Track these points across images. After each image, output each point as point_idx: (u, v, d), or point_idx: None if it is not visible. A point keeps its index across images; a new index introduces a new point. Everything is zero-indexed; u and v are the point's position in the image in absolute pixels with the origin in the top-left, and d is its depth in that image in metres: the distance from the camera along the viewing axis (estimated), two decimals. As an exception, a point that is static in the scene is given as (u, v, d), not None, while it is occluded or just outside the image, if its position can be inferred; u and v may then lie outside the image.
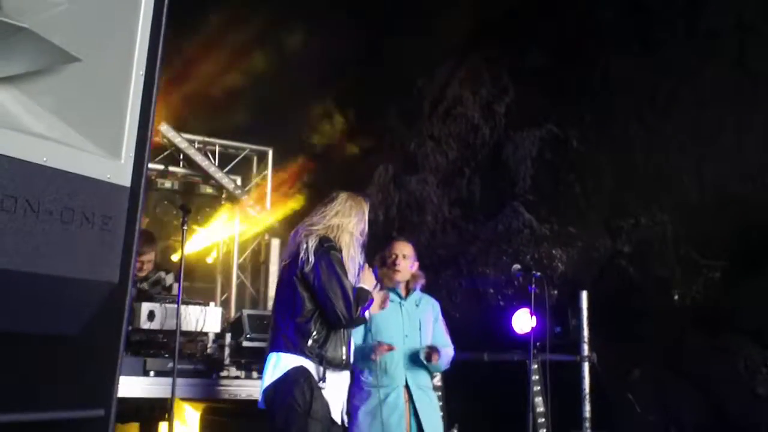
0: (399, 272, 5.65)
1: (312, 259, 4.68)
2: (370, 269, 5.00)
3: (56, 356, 2.27)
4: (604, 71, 9.35)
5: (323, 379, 4.62)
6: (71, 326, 2.24)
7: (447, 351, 5.69)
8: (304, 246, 4.73)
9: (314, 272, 4.66)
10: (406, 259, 5.67)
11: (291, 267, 4.79)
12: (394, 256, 5.66)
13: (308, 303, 4.71)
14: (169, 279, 7.78)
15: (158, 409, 7.17)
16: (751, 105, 8.20)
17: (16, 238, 1.94)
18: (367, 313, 4.90)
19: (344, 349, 4.79)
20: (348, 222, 4.89)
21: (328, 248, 4.72)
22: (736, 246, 8.01)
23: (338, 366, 4.74)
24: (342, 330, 4.80)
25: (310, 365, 4.63)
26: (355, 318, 4.72)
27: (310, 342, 4.64)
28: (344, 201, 4.98)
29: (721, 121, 8.41)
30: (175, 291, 7.66)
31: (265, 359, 4.83)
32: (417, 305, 5.73)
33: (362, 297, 4.76)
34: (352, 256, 4.84)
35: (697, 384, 8.07)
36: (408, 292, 5.75)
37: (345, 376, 4.86)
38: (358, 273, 4.88)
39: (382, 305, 5.12)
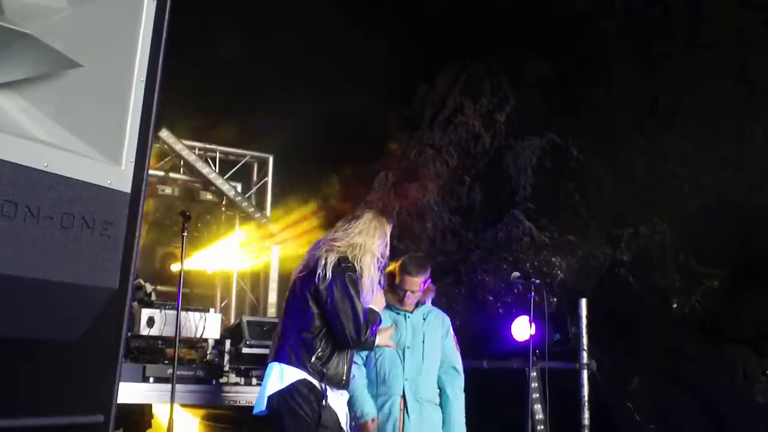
0: (407, 306, 5.63)
1: (329, 275, 4.66)
2: (382, 291, 4.98)
3: (56, 362, 2.27)
4: (605, 81, 9.36)
5: (324, 396, 4.62)
6: (71, 332, 2.24)
7: (457, 415, 5.64)
8: (323, 262, 4.69)
9: (328, 290, 4.64)
10: (415, 294, 5.63)
11: (305, 280, 4.77)
12: (402, 293, 5.60)
13: (317, 319, 4.69)
14: (149, 287, 7.76)
15: (137, 413, 7.16)
16: (750, 115, 8.22)
17: (16, 244, 1.94)
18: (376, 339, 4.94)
19: (345, 368, 4.77)
20: (372, 243, 4.85)
21: (345, 268, 4.69)
22: (736, 255, 8.01)
23: (338, 384, 4.72)
24: (346, 350, 4.80)
25: (312, 381, 4.63)
26: (363, 341, 4.73)
27: (313, 358, 4.63)
28: (369, 221, 4.93)
29: (721, 132, 8.42)
30: (155, 298, 7.65)
31: (266, 366, 4.83)
32: (424, 318, 5.67)
33: (371, 319, 4.77)
34: (372, 278, 4.82)
35: (696, 392, 8.07)
36: (416, 304, 5.71)
37: (344, 396, 4.84)
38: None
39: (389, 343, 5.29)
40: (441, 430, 5.59)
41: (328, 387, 4.65)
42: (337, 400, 4.72)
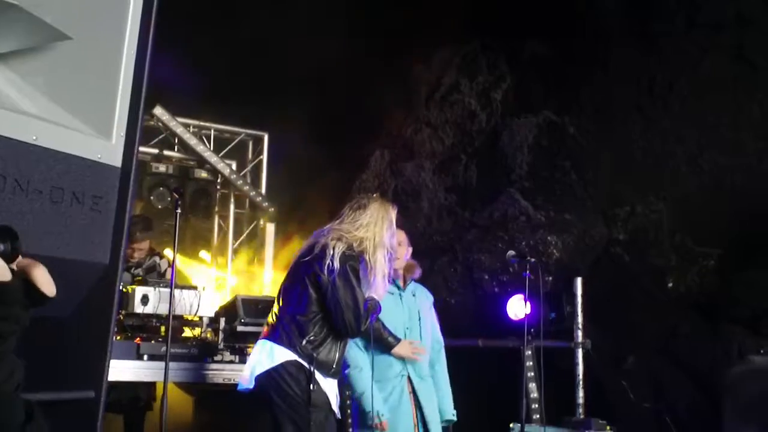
0: (398, 259, 5.60)
1: (335, 264, 4.64)
2: (386, 279, 4.97)
3: (46, 338, 2.26)
4: (603, 60, 9.33)
5: (313, 377, 4.59)
6: (62, 308, 2.22)
7: (446, 385, 5.74)
8: (330, 251, 4.66)
9: (331, 278, 4.63)
10: (401, 246, 5.63)
11: (307, 265, 4.74)
12: (398, 245, 5.59)
13: (315, 304, 4.68)
14: (164, 264, 7.76)
15: (143, 399, 7.18)
16: (748, 96, 8.21)
17: (4, 218, 1.92)
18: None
19: (337, 356, 4.74)
20: (381, 236, 4.85)
21: (349, 257, 4.68)
22: (732, 234, 8.02)
23: (327, 371, 4.69)
24: (341, 339, 4.78)
25: (302, 362, 4.61)
26: (363, 330, 4.73)
27: (304, 341, 4.62)
28: (376, 211, 4.90)
29: (719, 112, 8.41)
30: (169, 277, 7.65)
31: (257, 342, 4.83)
32: (414, 295, 5.70)
33: (372, 307, 4.77)
34: (384, 273, 4.82)
35: (691, 371, 8.08)
36: (405, 282, 5.70)
37: (332, 384, 4.79)
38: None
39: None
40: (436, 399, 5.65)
41: (317, 371, 4.63)
42: (326, 382, 4.70)
